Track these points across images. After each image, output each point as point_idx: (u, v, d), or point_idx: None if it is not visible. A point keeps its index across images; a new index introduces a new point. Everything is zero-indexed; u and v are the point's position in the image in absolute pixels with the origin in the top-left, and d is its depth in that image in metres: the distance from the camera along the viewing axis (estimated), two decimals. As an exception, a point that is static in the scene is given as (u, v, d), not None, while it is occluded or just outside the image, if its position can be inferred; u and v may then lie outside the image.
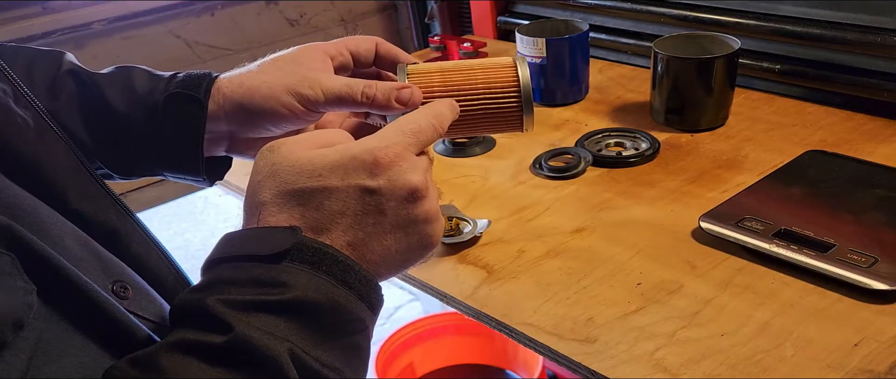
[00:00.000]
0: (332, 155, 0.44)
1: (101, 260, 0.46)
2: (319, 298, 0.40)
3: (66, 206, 0.48)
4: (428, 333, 1.72)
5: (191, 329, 0.39)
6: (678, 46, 0.92)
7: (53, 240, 0.42)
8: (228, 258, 0.42)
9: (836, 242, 0.64)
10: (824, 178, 0.76)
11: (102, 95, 0.59)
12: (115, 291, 0.44)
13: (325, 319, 0.40)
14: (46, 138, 0.50)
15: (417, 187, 0.44)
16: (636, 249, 0.70)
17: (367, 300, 0.43)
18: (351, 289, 0.42)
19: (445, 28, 1.46)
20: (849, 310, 0.59)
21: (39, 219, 0.43)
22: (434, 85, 0.55)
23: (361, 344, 0.43)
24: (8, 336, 0.34)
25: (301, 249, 0.41)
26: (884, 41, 0.87)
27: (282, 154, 0.44)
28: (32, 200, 0.44)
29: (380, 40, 0.61)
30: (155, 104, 0.59)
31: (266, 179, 0.44)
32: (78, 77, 0.60)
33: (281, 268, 0.40)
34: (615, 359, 0.57)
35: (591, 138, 0.91)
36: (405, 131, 0.46)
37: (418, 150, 0.46)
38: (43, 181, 0.47)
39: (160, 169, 0.62)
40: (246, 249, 0.41)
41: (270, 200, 0.43)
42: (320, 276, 0.41)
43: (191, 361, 0.37)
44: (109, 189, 0.52)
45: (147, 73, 0.61)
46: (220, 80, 0.59)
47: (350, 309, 0.41)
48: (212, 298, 0.39)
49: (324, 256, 0.41)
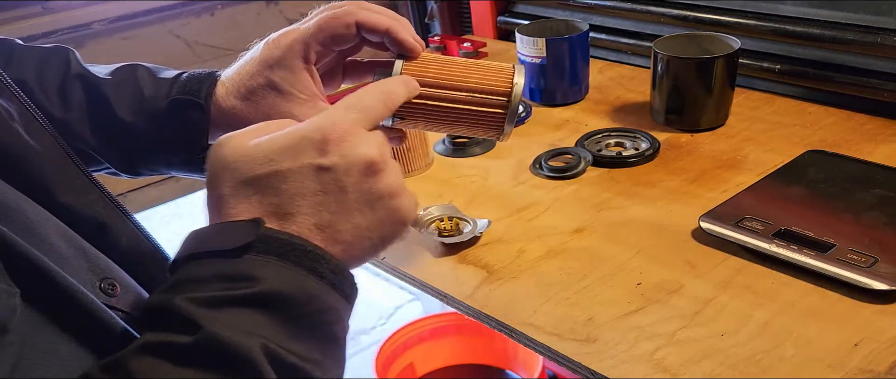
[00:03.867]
0: (280, 138, 0.42)
1: (88, 257, 0.45)
2: (290, 290, 0.39)
3: (53, 199, 0.47)
4: (428, 333, 1.72)
5: (159, 331, 0.37)
6: (678, 46, 0.92)
7: (39, 238, 0.42)
8: (193, 256, 0.40)
9: (836, 242, 0.64)
10: (824, 178, 0.76)
11: (108, 103, 0.60)
12: (103, 288, 0.44)
13: (298, 310, 0.39)
14: (31, 130, 0.49)
15: (373, 159, 0.43)
16: (636, 249, 0.70)
17: (339, 289, 0.41)
18: (322, 278, 0.40)
19: (445, 28, 1.46)
20: (849, 310, 0.59)
21: (24, 217, 0.42)
22: (428, 74, 0.55)
23: (338, 334, 0.42)
24: None
25: (266, 241, 0.40)
26: (884, 41, 0.87)
27: (231, 146, 0.43)
28: (17, 195, 0.43)
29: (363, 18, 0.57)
30: (158, 110, 0.59)
31: (221, 173, 0.43)
32: (86, 82, 0.61)
33: (246, 261, 0.39)
34: (615, 359, 0.57)
35: (591, 138, 0.91)
36: (353, 108, 0.45)
37: (370, 126, 0.45)
38: (28, 175, 0.47)
39: (167, 170, 0.63)
40: (209, 246, 0.40)
41: (229, 192, 0.42)
42: (289, 266, 0.39)
43: (160, 363, 0.36)
44: (97, 182, 0.52)
45: (151, 77, 0.61)
46: (219, 87, 0.59)
47: (323, 299, 0.40)
48: (178, 297, 0.38)
49: (291, 247, 0.40)
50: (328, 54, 0.60)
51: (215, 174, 0.43)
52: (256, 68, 0.58)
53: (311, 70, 0.58)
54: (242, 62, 0.59)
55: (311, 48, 0.57)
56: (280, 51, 0.57)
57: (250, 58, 0.59)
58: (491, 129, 0.57)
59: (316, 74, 0.59)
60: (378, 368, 1.61)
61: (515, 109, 0.56)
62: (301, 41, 0.57)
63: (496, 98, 0.55)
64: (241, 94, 0.58)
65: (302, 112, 0.57)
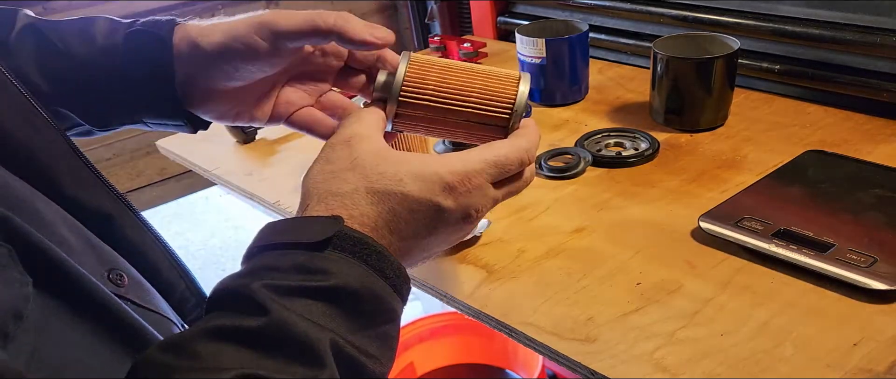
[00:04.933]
0: (414, 161, 0.46)
1: (96, 249, 0.46)
2: (358, 287, 0.41)
3: (61, 192, 0.47)
4: (428, 333, 1.72)
5: (229, 312, 0.39)
6: (678, 47, 0.92)
7: (50, 229, 0.42)
8: (272, 246, 0.42)
9: (836, 242, 0.64)
10: (824, 178, 0.76)
11: (62, 42, 0.55)
12: (112, 279, 0.44)
13: (362, 307, 0.41)
14: (36, 123, 0.49)
15: (478, 211, 0.47)
16: (636, 248, 0.70)
17: (399, 291, 0.44)
18: (387, 279, 0.43)
19: (445, 28, 1.46)
20: (848, 309, 0.59)
21: (35, 208, 0.43)
22: (430, 78, 0.53)
23: (392, 333, 0.44)
24: (10, 328, 0.34)
25: (342, 238, 0.42)
26: (884, 41, 0.87)
27: (363, 149, 0.46)
28: (27, 188, 0.44)
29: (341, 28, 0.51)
30: (115, 44, 0.54)
31: (345, 172, 0.45)
32: (36, 29, 0.56)
33: (323, 256, 0.41)
34: (615, 358, 0.58)
35: (590, 138, 0.91)
36: (494, 164, 0.48)
37: (497, 180, 0.48)
38: (37, 168, 0.47)
39: (135, 116, 0.57)
40: (290, 237, 0.42)
41: (349, 192, 0.45)
42: (360, 264, 0.42)
43: (225, 344, 0.37)
44: (102, 176, 0.52)
45: (108, 20, 0.57)
46: (182, 24, 0.54)
47: (386, 298, 0.42)
48: (256, 282, 0.39)
49: (363, 246, 0.42)
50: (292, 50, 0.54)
51: (339, 170, 0.46)
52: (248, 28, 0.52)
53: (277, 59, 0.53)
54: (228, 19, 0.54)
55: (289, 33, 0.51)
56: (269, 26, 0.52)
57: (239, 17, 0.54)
58: (491, 138, 0.55)
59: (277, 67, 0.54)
60: (378, 367, 1.61)
61: (518, 119, 0.54)
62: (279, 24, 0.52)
63: (499, 107, 0.53)
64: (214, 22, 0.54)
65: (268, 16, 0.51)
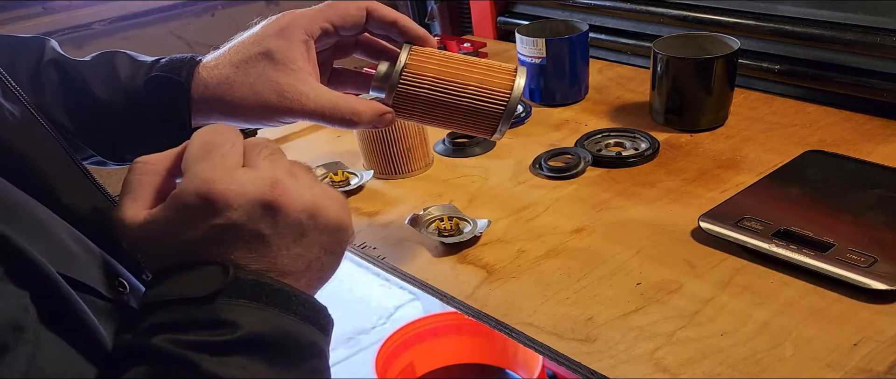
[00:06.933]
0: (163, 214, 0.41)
1: (97, 257, 0.45)
2: (270, 331, 0.39)
3: (58, 201, 0.47)
4: (428, 333, 1.72)
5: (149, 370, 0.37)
6: (678, 47, 0.92)
7: (50, 238, 0.42)
8: (164, 303, 0.40)
9: (836, 242, 0.64)
10: (823, 178, 0.76)
11: (85, 84, 0.59)
12: (113, 287, 0.44)
13: (279, 350, 0.40)
14: (34, 133, 0.50)
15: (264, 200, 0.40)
16: (636, 249, 0.70)
17: (314, 323, 0.42)
18: (296, 315, 0.41)
19: (445, 28, 1.46)
20: (848, 310, 0.59)
21: (35, 218, 0.42)
22: (429, 68, 0.55)
23: (319, 367, 0.43)
24: (9, 340, 0.34)
25: (237, 285, 0.40)
26: (884, 41, 0.87)
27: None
28: (26, 198, 0.43)
29: (373, 6, 0.59)
30: (136, 89, 0.58)
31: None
32: (60, 67, 0.59)
33: (219, 306, 0.39)
34: (615, 358, 0.58)
35: (590, 138, 0.91)
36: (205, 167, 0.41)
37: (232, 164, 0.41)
38: (34, 177, 0.47)
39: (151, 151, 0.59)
40: (179, 292, 0.40)
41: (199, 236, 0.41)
42: (263, 308, 0.40)
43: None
44: (99, 184, 0.52)
45: (129, 59, 0.60)
46: (201, 67, 0.58)
47: (301, 335, 0.41)
48: (160, 338, 0.38)
49: (261, 288, 0.40)
50: (330, 37, 0.60)
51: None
52: (255, 39, 0.58)
53: (309, 44, 0.58)
54: (239, 37, 0.59)
55: (316, 22, 0.58)
56: (284, 20, 0.58)
57: (250, 32, 0.59)
58: (486, 128, 0.57)
59: (313, 50, 0.59)
60: (378, 367, 1.61)
61: (513, 109, 0.56)
62: (307, 16, 0.58)
63: (495, 96, 0.55)
64: (232, 63, 0.58)
65: (288, 82, 0.56)
